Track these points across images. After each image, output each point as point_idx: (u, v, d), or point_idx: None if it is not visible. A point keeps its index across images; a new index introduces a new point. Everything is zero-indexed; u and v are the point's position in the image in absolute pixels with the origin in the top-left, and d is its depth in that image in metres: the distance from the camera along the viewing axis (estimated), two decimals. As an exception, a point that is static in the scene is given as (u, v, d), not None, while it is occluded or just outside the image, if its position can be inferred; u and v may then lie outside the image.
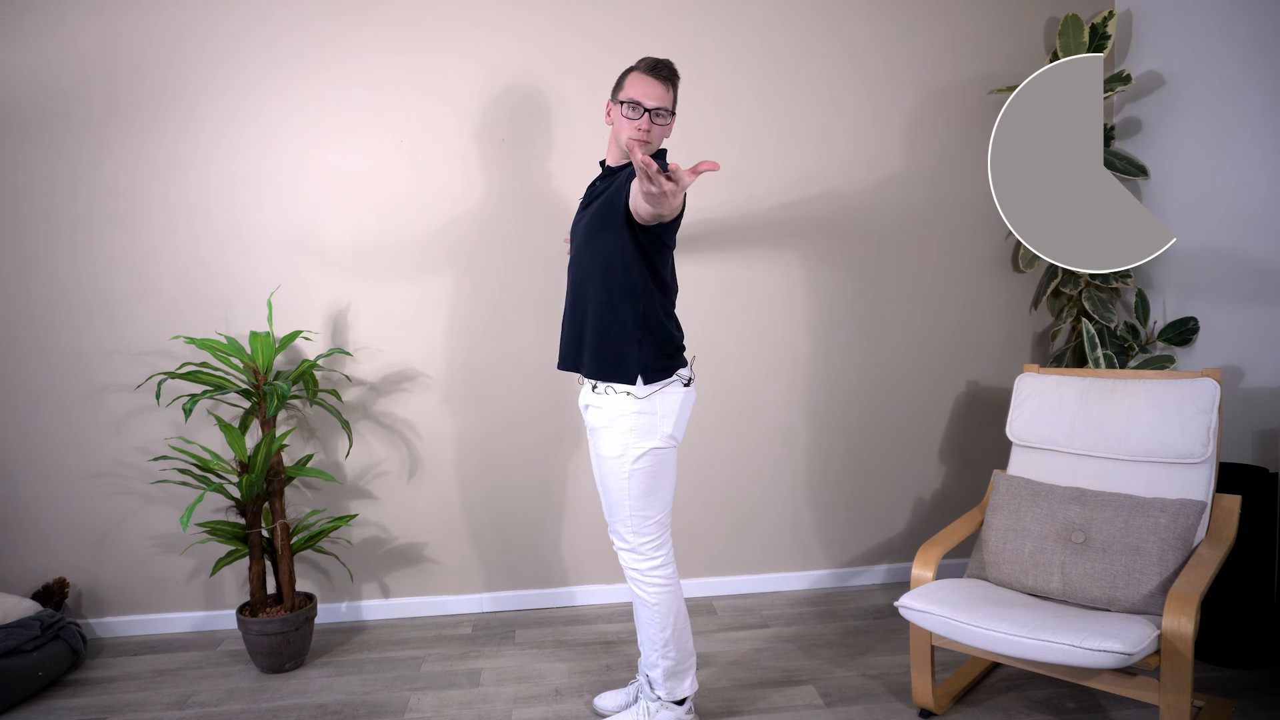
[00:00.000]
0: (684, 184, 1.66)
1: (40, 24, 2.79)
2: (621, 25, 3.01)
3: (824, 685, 2.52)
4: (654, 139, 2.09)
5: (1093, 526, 2.24)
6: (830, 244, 3.18)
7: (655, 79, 2.06)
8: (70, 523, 2.95)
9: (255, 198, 2.93)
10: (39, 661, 2.58)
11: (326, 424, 3.03)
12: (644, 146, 2.08)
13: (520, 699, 2.49)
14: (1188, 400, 2.30)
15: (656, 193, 1.69)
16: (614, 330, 2.07)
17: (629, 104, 2.06)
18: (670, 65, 2.09)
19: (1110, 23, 3.02)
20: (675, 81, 2.11)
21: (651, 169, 1.63)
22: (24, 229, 2.85)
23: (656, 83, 2.06)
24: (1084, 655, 1.86)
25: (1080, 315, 3.13)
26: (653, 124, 2.07)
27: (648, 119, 2.06)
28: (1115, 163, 3.04)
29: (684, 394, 2.13)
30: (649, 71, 2.07)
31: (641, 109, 2.05)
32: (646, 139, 2.07)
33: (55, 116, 2.83)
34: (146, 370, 2.94)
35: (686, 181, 1.65)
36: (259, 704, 2.51)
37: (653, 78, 2.07)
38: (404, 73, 2.94)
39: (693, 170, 1.60)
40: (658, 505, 2.14)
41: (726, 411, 3.19)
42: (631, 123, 2.06)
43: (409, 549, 3.11)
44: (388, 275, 3.00)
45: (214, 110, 2.88)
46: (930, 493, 3.34)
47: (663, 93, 2.06)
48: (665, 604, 2.15)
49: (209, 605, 3.05)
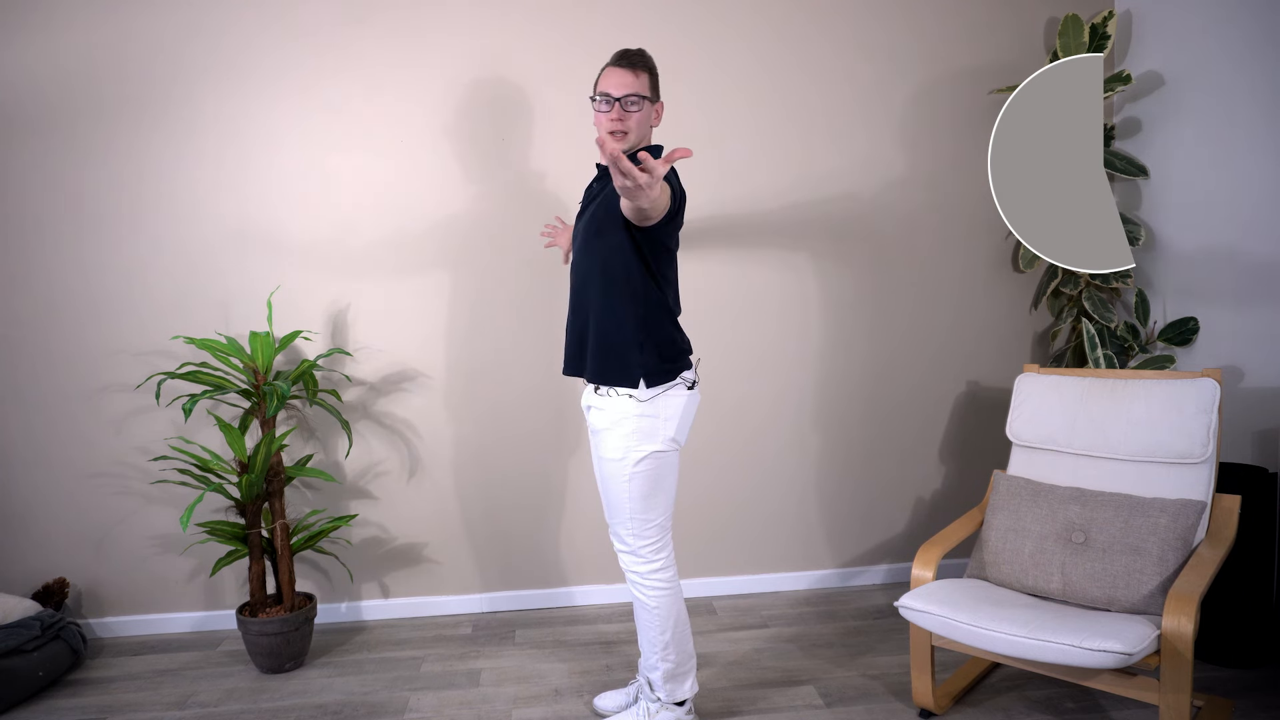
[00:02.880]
0: (657, 174, 1.63)
1: (48, 24, 2.79)
2: (619, 27, 3.01)
3: (824, 685, 2.52)
4: (632, 127, 2.04)
5: (1093, 526, 2.24)
6: (830, 243, 3.18)
7: (623, 68, 2.04)
8: (70, 522, 2.95)
9: (256, 198, 2.93)
10: (39, 661, 2.58)
11: (326, 424, 3.03)
12: (624, 139, 2.04)
13: (520, 699, 2.49)
14: (1188, 400, 2.30)
15: (631, 186, 1.65)
16: (615, 334, 2.06)
17: (601, 98, 2.04)
18: (640, 52, 2.07)
19: (1110, 23, 3.02)
20: (647, 67, 2.06)
21: (620, 162, 1.59)
22: (26, 228, 2.85)
23: (625, 71, 2.03)
24: (1084, 655, 1.86)
25: (1080, 315, 3.13)
26: (625, 112, 2.02)
27: (618, 108, 2.02)
28: (1115, 163, 3.04)
29: (687, 397, 2.11)
30: (617, 62, 2.05)
31: (611, 100, 2.02)
32: (622, 128, 2.03)
33: (59, 116, 2.83)
34: (146, 370, 2.94)
35: (659, 171, 1.62)
36: (259, 704, 2.51)
37: (620, 67, 2.04)
38: (404, 73, 2.94)
39: (665, 159, 1.57)
40: (659, 508, 2.13)
41: (726, 411, 3.19)
42: (605, 116, 2.04)
43: (409, 549, 3.11)
44: (387, 275, 3.00)
45: (217, 111, 2.88)
46: (930, 493, 3.34)
47: (632, 79, 2.03)
48: (665, 607, 2.14)
49: (209, 605, 3.05)
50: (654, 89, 2.09)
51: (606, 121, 2.04)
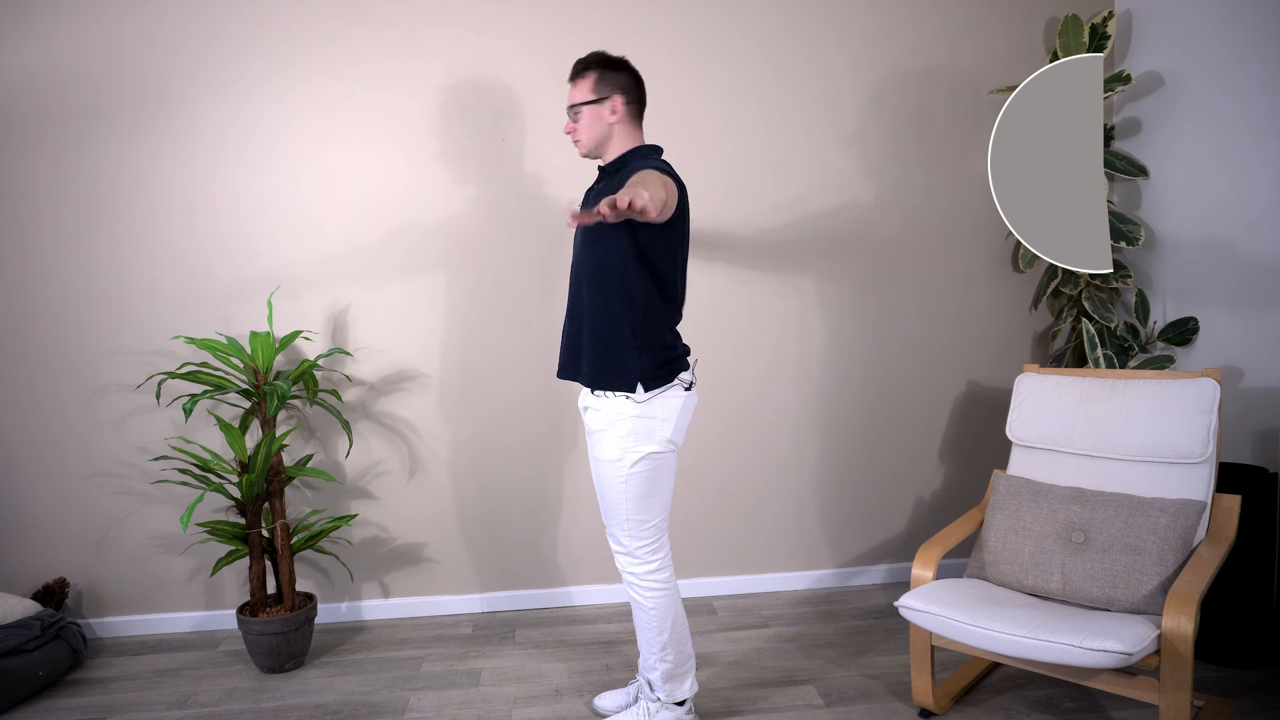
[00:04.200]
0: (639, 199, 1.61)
1: (45, 23, 2.79)
2: (622, 28, 3.01)
3: (824, 685, 2.52)
4: (581, 134, 2.10)
5: (1093, 526, 2.24)
6: (829, 243, 3.18)
7: (569, 81, 2.13)
8: (71, 522, 2.95)
9: (256, 198, 2.93)
10: (39, 661, 2.58)
11: (326, 424, 3.03)
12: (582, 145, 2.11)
13: (520, 699, 2.49)
14: (1188, 400, 2.29)
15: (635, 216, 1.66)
16: (611, 339, 2.04)
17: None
18: (582, 59, 2.10)
19: (1110, 23, 3.02)
20: (587, 67, 2.08)
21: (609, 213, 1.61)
22: (25, 228, 2.86)
23: (570, 84, 2.13)
24: (1084, 655, 1.86)
25: (1080, 315, 3.13)
26: (573, 123, 2.11)
27: (569, 121, 2.12)
28: (1115, 163, 3.04)
29: (684, 398, 2.10)
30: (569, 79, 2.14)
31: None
32: (575, 137, 2.12)
33: (59, 115, 2.83)
34: (147, 370, 2.94)
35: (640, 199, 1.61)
36: (259, 704, 2.51)
37: (569, 80, 2.13)
38: (404, 73, 2.94)
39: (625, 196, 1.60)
40: (655, 509, 2.12)
41: (725, 411, 3.19)
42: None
43: (409, 549, 3.11)
44: (387, 275, 3.00)
45: (216, 111, 2.88)
46: (930, 493, 3.34)
47: (573, 90, 2.11)
48: (663, 608, 2.14)
49: (209, 605, 3.05)
50: (600, 86, 2.07)
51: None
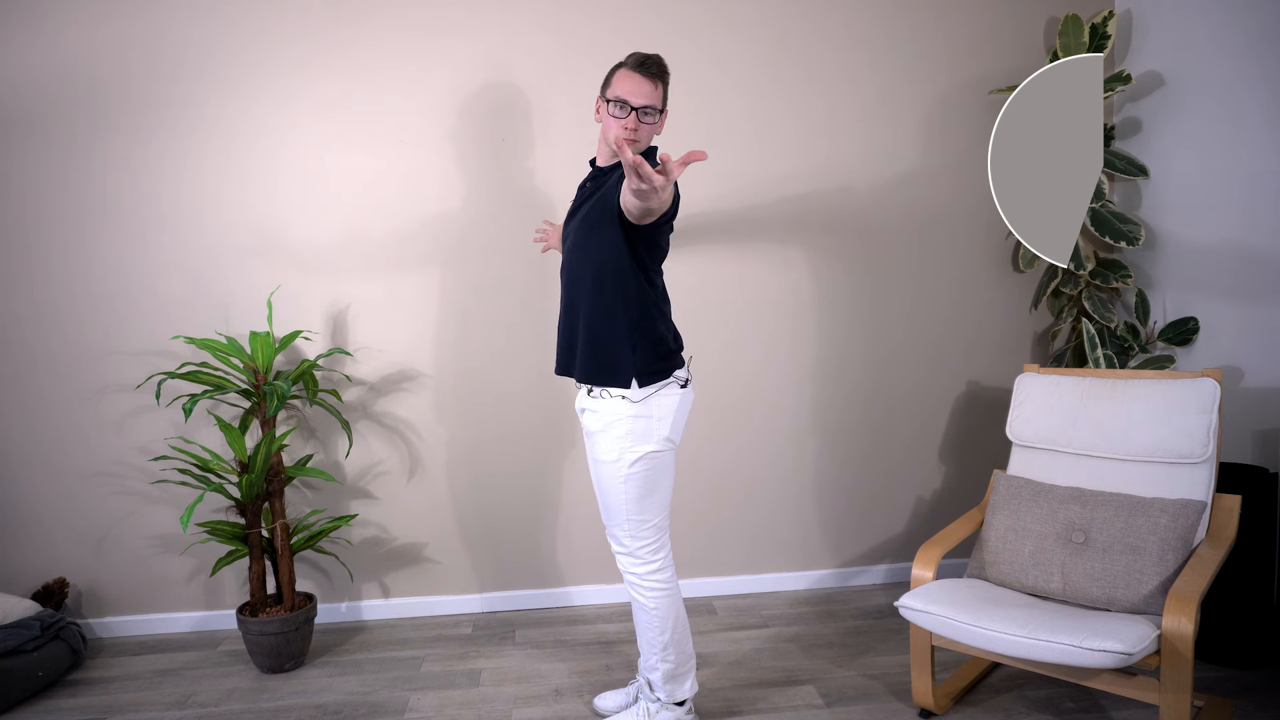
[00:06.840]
0: (673, 175, 1.61)
1: (49, 24, 2.79)
2: (621, 19, 3.01)
3: (824, 685, 2.52)
4: (642, 138, 2.01)
5: (1093, 526, 2.24)
6: (829, 243, 3.18)
7: (643, 76, 1.98)
8: (70, 522, 2.95)
9: (256, 198, 2.93)
10: (39, 661, 2.58)
11: (326, 424, 3.03)
12: (632, 145, 2.00)
13: (520, 699, 2.49)
14: (1188, 400, 2.29)
15: (647, 189, 1.64)
16: (606, 334, 2.04)
17: (616, 102, 1.99)
18: (659, 61, 2.02)
19: (1110, 23, 3.02)
20: (664, 78, 2.03)
21: (642, 167, 1.58)
22: (30, 228, 2.86)
23: (644, 80, 1.98)
24: (1084, 655, 1.86)
25: (1080, 315, 3.12)
26: (640, 123, 1.99)
27: (634, 118, 1.98)
28: (1115, 163, 3.04)
29: (681, 395, 2.10)
30: (636, 68, 1.99)
31: (629, 108, 1.98)
32: (635, 138, 2.00)
33: (60, 116, 2.83)
34: (146, 370, 2.94)
35: (675, 173, 1.61)
36: (259, 704, 2.51)
37: (640, 74, 1.99)
38: (403, 73, 2.94)
39: (681, 161, 1.55)
40: (655, 509, 2.12)
41: (725, 410, 3.19)
42: (619, 122, 1.99)
43: (409, 549, 3.11)
44: (387, 275, 3.00)
45: (217, 112, 2.88)
46: (930, 493, 3.34)
47: (650, 90, 1.99)
48: (664, 608, 2.14)
49: (209, 605, 3.05)
50: (666, 98, 2.06)
51: (619, 127, 1.99)
